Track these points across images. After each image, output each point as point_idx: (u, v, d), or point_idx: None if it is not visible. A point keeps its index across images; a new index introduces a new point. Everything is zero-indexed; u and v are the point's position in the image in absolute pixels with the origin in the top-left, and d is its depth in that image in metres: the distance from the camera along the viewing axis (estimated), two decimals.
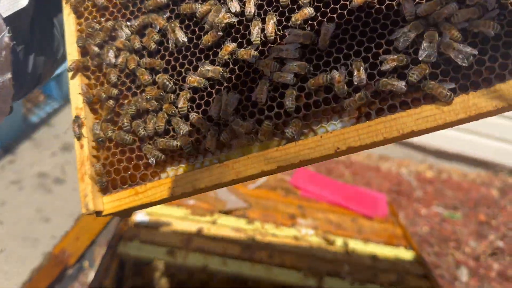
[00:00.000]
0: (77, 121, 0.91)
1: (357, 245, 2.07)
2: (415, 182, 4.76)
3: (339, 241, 2.06)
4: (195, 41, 0.87)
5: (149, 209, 1.96)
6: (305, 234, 2.05)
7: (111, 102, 0.90)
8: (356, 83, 0.75)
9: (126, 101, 0.91)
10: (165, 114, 0.86)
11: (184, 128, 0.84)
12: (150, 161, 0.87)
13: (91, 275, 2.70)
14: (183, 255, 1.72)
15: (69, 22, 0.96)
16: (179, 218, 1.94)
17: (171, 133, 0.87)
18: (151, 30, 0.89)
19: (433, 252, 3.77)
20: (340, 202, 2.37)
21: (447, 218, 4.25)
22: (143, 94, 0.89)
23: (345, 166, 4.77)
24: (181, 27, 0.88)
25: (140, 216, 1.90)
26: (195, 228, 1.89)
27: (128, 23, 0.93)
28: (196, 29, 0.87)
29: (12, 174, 3.81)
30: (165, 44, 0.90)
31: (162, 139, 0.86)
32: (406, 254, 2.12)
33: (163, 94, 0.86)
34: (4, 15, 0.71)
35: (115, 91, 0.90)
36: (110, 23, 0.93)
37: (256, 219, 2.08)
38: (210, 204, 2.09)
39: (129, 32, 0.92)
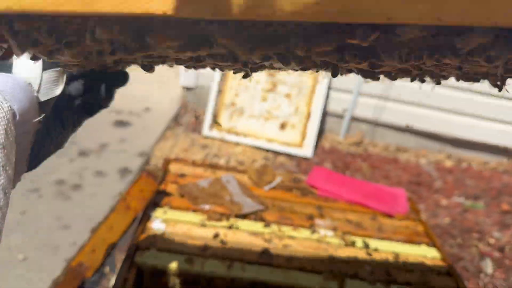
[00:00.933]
0: None
1: (377, 245, 2.02)
2: (434, 172, 4.67)
3: (359, 242, 2.02)
4: None
5: (165, 217, 1.95)
6: (324, 235, 2.02)
7: None
8: None
9: None
10: None
11: None
12: None
13: (113, 280, 2.72)
14: (200, 262, 1.71)
15: None
16: (195, 225, 1.93)
17: None
18: None
19: (456, 244, 3.69)
20: (359, 200, 2.33)
21: (469, 208, 4.16)
22: None
23: (362, 159, 4.70)
24: None
25: (156, 224, 1.89)
26: (211, 234, 1.87)
27: None
28: None
29: (30, 183, 3.86)
30: None
31: None
32: (428, 252, 2.07)
33: None
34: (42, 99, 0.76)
35: None
36: None
37: (273, 221, 2.05)
38: (225, 208, 2.07)
39: None
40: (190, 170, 2.40)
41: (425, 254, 2.06)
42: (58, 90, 0.80)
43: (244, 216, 2.05)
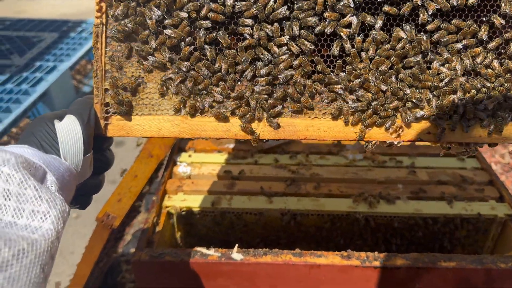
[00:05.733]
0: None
1: (410, 161, 1.94)
2: None
3: (391, 162, 1.94)
4: None
5: (190, 160, 1.96)
6: (352, 159, 1.96)
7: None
8: None
9: None
10: None
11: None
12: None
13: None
14: (227, 199, 1.72)
15: None
16: (220, 164, 1.93)
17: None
18: None
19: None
20: None
21: None
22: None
23: None
24: None
25: (182, 168, 1.91)
26: (237, 171, 1.87)
27: None
28: None
29: None
30: None
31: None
32: (468, 163, 1.96)
33: None
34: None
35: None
36: None
37: (299, 151, 2.01)
38: (249, 145, 2.05)
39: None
40: None
41: (465, 165, 1.95)
42: (89, 173, 0.84)
43: (269, 150, 2.02)
